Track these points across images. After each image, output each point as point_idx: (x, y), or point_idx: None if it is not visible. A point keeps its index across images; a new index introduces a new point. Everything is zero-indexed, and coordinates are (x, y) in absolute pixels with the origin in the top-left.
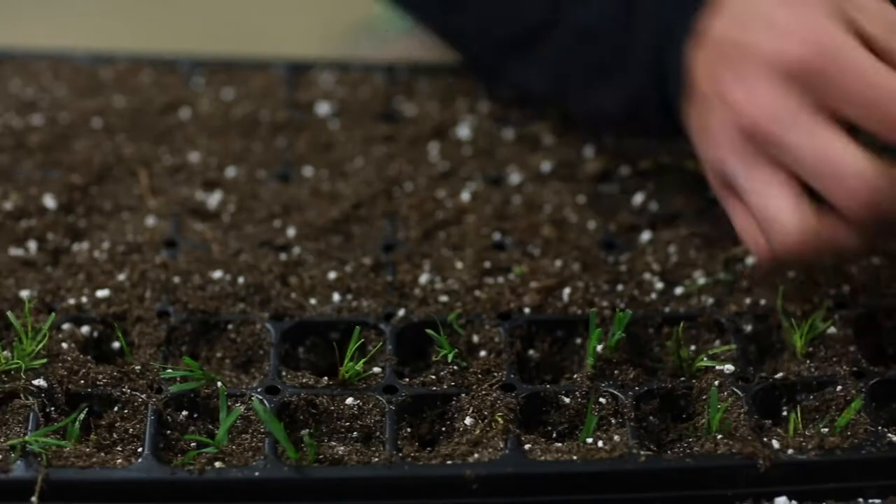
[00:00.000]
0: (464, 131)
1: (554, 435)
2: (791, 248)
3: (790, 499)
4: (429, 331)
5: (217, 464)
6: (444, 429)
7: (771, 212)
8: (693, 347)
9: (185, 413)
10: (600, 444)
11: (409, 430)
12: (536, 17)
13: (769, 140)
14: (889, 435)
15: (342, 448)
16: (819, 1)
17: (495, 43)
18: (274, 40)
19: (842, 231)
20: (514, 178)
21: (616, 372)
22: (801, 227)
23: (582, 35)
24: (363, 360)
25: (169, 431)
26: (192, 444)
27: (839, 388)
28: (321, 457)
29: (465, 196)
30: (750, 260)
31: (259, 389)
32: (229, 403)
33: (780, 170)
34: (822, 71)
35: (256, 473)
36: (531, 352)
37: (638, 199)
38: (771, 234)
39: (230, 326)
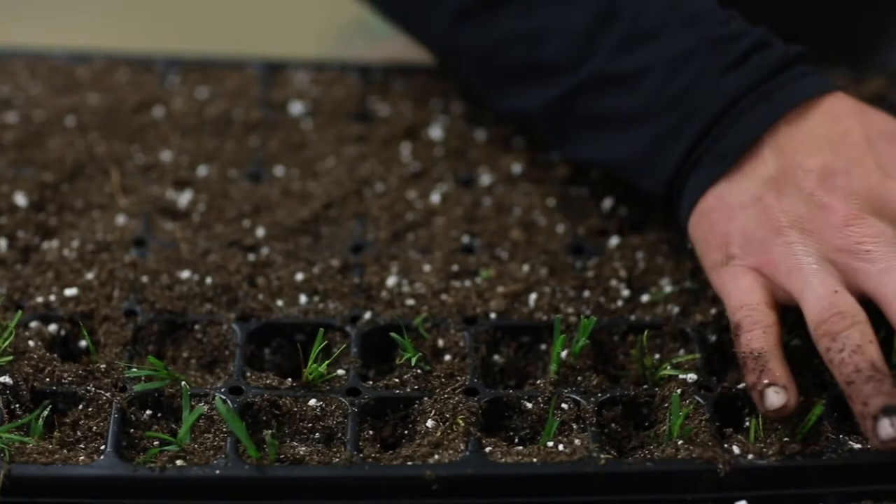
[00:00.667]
0: (436, 132)
1: (516, 440)
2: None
3: None
4: (393, 334)
5: (178, 462)
6: (406, 431)
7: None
8: (657, 356)
9: (149, 412)
10: (561, 447)
11: (371, 432)
12: (562, 57)
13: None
14: (850, 442)
15: (304, 448)
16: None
17: (503, 67)
18: (275, 39)
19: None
20: (485, 179)
21: (579, 378)
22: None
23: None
24: (326, 363)
25: (133, 430)
26: (155, 443)
27: (801, 398)
28: (282, 456)
29: (436, 197)
30: None
31: (223, 389)
32: (193, 403)
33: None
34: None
35: (217, 472)
36: (496, 357)
37: (607, 203)
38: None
39: (197, 327)
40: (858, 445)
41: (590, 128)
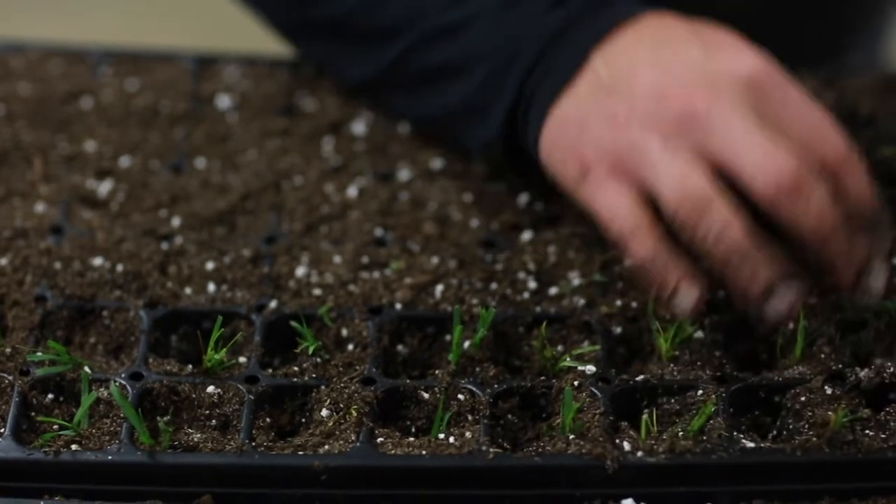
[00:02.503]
0: (359, 127)
1: (412, 430)
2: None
3: (637, 501)
4: (293, 322)
5: (74, 446)
6: (303, 420)
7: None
8: (560, 348)
9: (51, 396)
10: (451, 439)
11: (268, 419)
12: (392, 19)
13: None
14: (743, 441)
15: (199, 435)
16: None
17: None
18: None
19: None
20: (404, 174)
21: (478, 369)
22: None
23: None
24: (224, 350)
25: (34, 413)
26: (54, 427)
27: (699, 392)
28: (176, 443)
29: (353, 191)
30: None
31: (123, 375)
32: (94, 388)
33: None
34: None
35: (109, 457)
36: (400, 347)
37: (523, 199)
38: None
39: (105, 313)
40: (751, 444)
41: (423, 83)
